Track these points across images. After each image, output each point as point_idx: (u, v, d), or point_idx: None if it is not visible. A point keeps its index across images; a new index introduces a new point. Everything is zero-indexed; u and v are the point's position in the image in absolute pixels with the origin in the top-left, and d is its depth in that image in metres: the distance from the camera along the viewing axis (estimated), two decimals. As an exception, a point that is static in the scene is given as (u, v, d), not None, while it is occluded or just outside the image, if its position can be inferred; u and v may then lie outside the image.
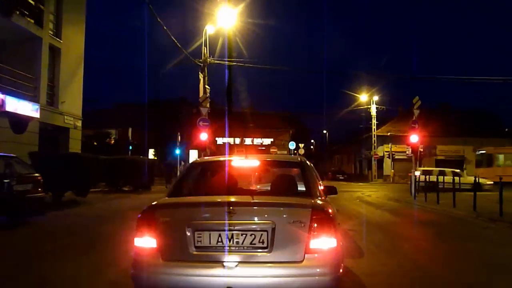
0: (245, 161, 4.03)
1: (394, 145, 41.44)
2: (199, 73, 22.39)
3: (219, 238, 2.83)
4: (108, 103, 52.86)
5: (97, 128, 41.42)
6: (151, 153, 44.47)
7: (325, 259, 2.81)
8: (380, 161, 41.79)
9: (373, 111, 41.75)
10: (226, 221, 2.82)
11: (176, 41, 19.18)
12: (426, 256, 6.26)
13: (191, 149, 37.28)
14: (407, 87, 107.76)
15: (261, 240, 2.81)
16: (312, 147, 77.00)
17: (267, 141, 43.64)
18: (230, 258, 2.78)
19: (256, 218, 2.90)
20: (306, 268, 2.77)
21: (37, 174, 8.67)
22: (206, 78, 23.50)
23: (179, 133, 36.09)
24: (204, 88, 23.07)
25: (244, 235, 2.83)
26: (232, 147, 43.80)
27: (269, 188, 4.00)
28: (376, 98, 41.59)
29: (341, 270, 2.93)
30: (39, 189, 8.59)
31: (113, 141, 42.98)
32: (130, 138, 28.86)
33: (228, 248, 2.81)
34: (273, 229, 2.80)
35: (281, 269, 2.76)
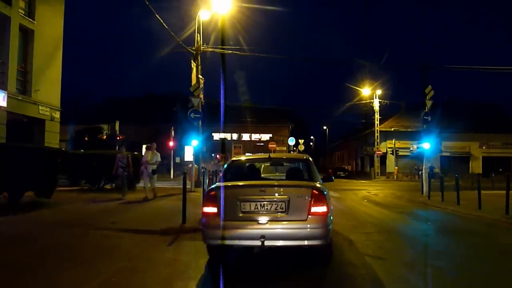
0: (268, 159, 6.74)
1: (397, 141, 39.76)
2: (192, 61, 20.56)
3: (256, 206, 4.77)
4: (101, 97, 51.04)
5: (89, 123, 39.57)
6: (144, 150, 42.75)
7: (320, 218, 4.73)
8: (383, 157, 40.08)
9: (376, 105, 39.96)
10: (260, 196, 4.78)
11: (165, 25, 17.33)
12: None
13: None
14: (410, 80, 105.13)
15: (281, 207, 4.75)
16: (311, 143, 75.30)
17: (266, 136, 41.87)
18: (262, 218, 4.71)
19: (277, 194, 4.85)
20: (309, 223, 4.68)
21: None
22: (200, 67, 21.71)
23: (172, 128, 34.36)
24: (197, 78, 21.30)
25: (271, 204, 4.76)
26: (227, 143, 42.04)
27: (284, 176, 6.26)
28: (379, 92, 39.79)
29: (330, 226, 4.88)
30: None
31: (105, 137, 41.24)
32: (117, 131, 26.99)
33: (261, 212, 4.76)
34: (288, 201, 4.75)
35: (293, 224, 4.69)
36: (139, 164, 13.70)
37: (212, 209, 4.82)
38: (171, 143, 32.99)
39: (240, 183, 5.23)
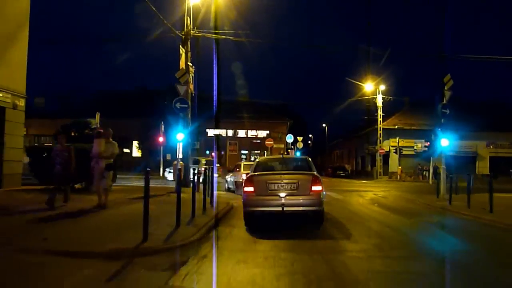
0: (282, 158, 10.23)
1: (401, 139, 37.77)
2: (180, 47, 18.38)
3: (278, 186, 7.59)
4: (94, 91, 48.59)
5: (78, 117, 37.28)
6: (135, 146, 40.54)
7: (317, 194, 7.62)
8: (385, 157, 38.04)
9: (379, 101, 37.88)
10: (280, 180, 7.65)
11: (152, 7, 15.09)
12: None
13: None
14: (415, 76, 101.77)
15: (293, 187, 7.59)
16: (309, 142, 73.16)
17: (263, 133, 39.72)
18: (282, 194, 7.55)
19: (290, 179, 7.71)
20: (310, 196, 7.58)
21: None
22: (189, 54, 19.57)
23: (162, 123, 32.19)
24: (187, 65, 19.17)
25: (287, 185, 7.59)
26: (222, 140, 39.88)
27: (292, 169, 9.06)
28: (382, 87, 37.69)
29: (323, 199, 7.92)
30: None
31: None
32: (97, 124, 24.79)
33: (281, 190, 7.59)
34: (298, 183, 7.61)
35: (301, 197, 7.57)
36: (90, 158, 9.95)
37: (250, 189, 7.77)
38: (160, 139, 30.83)
39: (268, 172, 8.31)
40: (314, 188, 7.59)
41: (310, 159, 9.27)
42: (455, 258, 5.87)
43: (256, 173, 8.17)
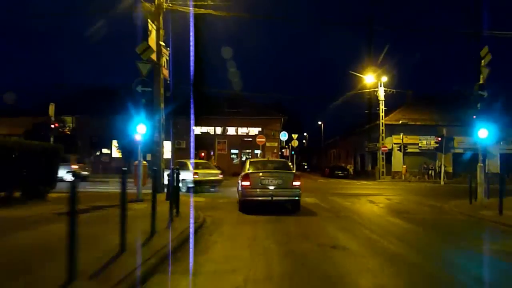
0: (267, 160, 14.05)
1: (404, 136, 34.61)
2: (149, 22, 14.98)
3: (268, 181, 10.11)
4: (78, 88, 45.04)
5: (59, 115, 33.65)
6: (114, 145, 36.95)
7: (297, 187, 10.23)
8: (388, 155, 34.84)
9: (381, 95, 34.66)
10: (270, 177, 10.23)
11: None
12: None
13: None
14: (417, 69, 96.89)
15: (279, 182, 10.13)
16: (304, 141, 69.93)
17: (255, 130, 36.35)
18: (271, 187, 10.08)
19: (277, 176, 10.29)
20: (292, 188, 10.19)
21: None
22: (162, 32, 16.24)
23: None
24: (158, 45, 15.83)
25: (275, 180, 10.15)
26: (211, 138, 36.48)
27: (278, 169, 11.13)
28: (384, 79, 34.45)
29: (300, 191, 10.39)
30: None
31: (67, 130, 35.50)
32: (52, 118, 21.30)
33: (270, 184, 10.10)
34: (283, 179, 10.23)
35: (285, 190, 10.15)
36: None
37: (247, 183, 10.08)
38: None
39: (260, 171, 10.56)
40: (294, 183, 10.18)
41: (289, 161, 14.89)
42: None
43: (251, 171, 10.49)
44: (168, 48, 16.85)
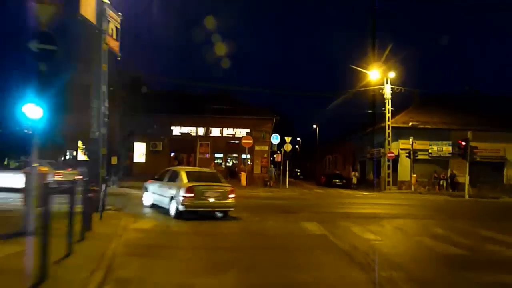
0: (204, 172, 13.31)
1: (414, 140, 30.19)
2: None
3: (210, 193, 10.98)
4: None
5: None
6: (79, 147, 31.82)
7: (233, 200, 11.33)
8: (393, 162, 30.38)
9: (388, 93, 30.25)
10: (211, 189, 11.12)
11: None
12: None
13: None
14: (425, 67, 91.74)
15: (219, 194, 11.13)
16: (297, 146, 65.33)
17: (242, 132, 31.69)
18: (212, 199, 10.96)
19: (218, 189, 11.27)
20: (229, 201, 11.23)
21: None
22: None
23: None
24: (99, 2, 11.21)
25: (216, 193, 11.11)
26: (192, 140, 31.70)
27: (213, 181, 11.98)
28: (392, 75, 30.05)
29: (234, 202, 11.39)
30: None
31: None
32: None
33: (211, 196, 11.00)
34: (222, 192, 11.21)
35: (223, 201, 11.17)
36: None
37: (190, 195, 10.52)
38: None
39: (203, 184, 11.12)
40: (230, 195, 11.24)
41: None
42: None
43: (195, 184, 10.89)
44: (120, 14, 12.24)
